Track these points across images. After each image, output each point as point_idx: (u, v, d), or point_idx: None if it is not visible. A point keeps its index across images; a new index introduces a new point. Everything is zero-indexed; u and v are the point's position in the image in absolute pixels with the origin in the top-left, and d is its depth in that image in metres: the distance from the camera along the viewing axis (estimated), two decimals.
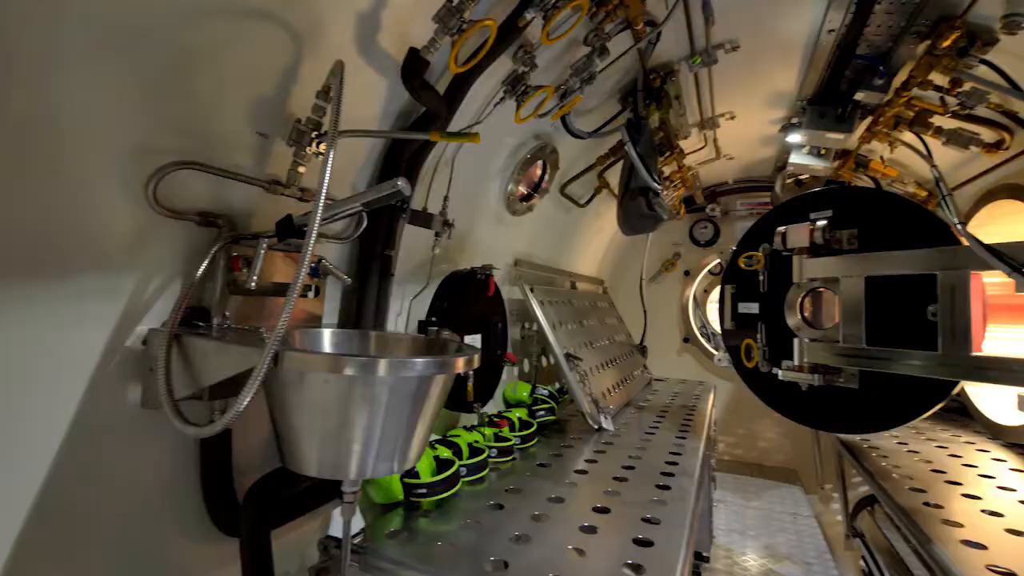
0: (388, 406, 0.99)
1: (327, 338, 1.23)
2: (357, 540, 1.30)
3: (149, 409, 1.04)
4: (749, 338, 2.73)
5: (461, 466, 1.70)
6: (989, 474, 1.97)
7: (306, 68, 1.21)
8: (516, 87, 1.65)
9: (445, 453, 1.67)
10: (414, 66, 1.29)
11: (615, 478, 1.83)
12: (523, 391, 2.48)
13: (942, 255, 1.95)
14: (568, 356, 2.55)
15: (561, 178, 2.67)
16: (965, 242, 1.84)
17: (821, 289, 2.51)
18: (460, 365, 1.06)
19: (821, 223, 2.37)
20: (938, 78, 2.03)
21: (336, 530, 1.51)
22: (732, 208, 4.61)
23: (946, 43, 1.82)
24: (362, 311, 1.50)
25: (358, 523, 1.45)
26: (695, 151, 3.33)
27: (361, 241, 1.54)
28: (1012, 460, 2.16)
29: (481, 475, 1.76)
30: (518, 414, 2.26)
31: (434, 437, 1.87)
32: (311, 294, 1.36)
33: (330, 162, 0.97)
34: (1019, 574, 1.22)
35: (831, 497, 3.50)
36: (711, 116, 2.89)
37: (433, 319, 1.77)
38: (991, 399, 2.63)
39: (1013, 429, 2.38)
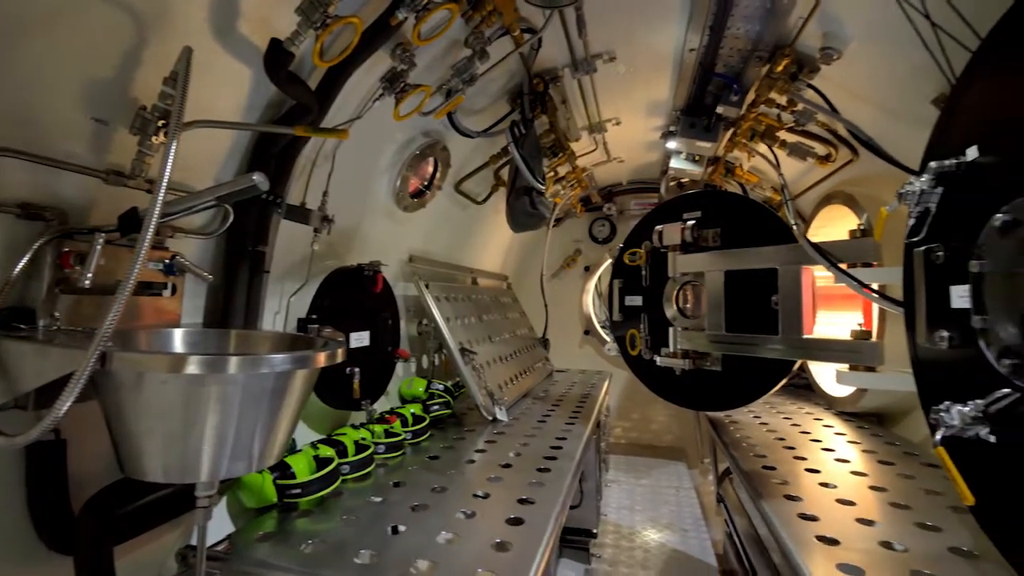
0: (242, 404, 0.97)
1: (179, 338, 1.17)
2: (221, 547, 1.26)
3: None
4: (634, 328, 2.96)
5: (344, 464, 1.69)
6: (817, 438, 2.32)
7: (152, 52, 1.14)
8: (395, 84, 1.66)
9: (327, 452, 1.65)
10: (278, 57, 1.26)
11: (501, 465, 1.91)
12: (419, 387, 2.50)
13: (782, 252, 2.24)
14: (463, 350, 2.61)
15: (456, 175, 2.71)
16: (801, 241, 2.13)
17: (697, 283, 2.78)
18: (322, 360, 1.06)
19: (690, 223, 2.64)
20: (779, 97, 2.34)
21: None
22: (627, 207, 4.93)
23: (780, 68, 2.10)
24: (230, 310, 1.44)
25: (226, 528, 1.40)
26: (587, 153, 3.52)
27: (228, 237, 1.47)
28: (838, 425, 2.55)
29: (367, 471, 1.76)
30: (412, 410, 2.28)
31: (318, 437, 1.84)
32: (167, 292, 1.28)
33: (172, 153, 0.93)
34: (821, 518, 1.46)
35: (708, 470, 3.88)
36: (598, 121, 3.07)
37: (313, 316, 1.73)
38: (826, 375, 3.08)
39: (841, 399, 2.81)
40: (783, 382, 2.37)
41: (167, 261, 1.23)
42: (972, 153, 1.20)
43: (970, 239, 1.16)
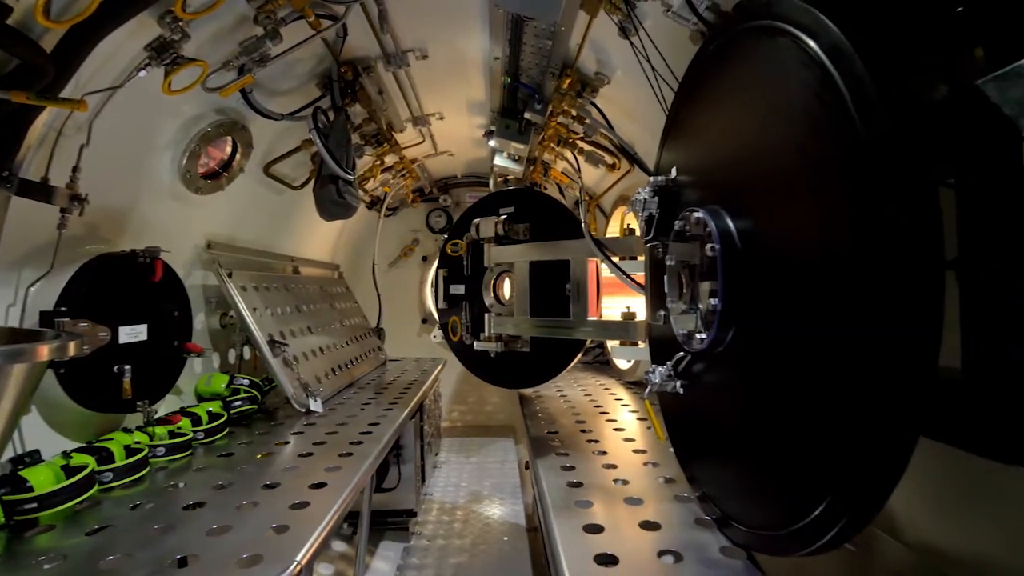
0: None
1: None
2: None
3: None
4: (456, 315, 3.13)
5: (106, 471, 1.54)
6: (600, 404, 2.73)
7: None
8: (163, 55, 1.53)
9: (81, 460, 1.48)
10: None
11: (301, 455, 1.90)
12: (219, 383, 2.33)
13: (575, 245, 2.57)
14: (272, 342, 2.50)
15: (264, 158, 2.55)
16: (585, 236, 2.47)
17: (510, 273, 3.04)
18: (44, 353, 0.97)
19: (503, 217, 2.87)
20: (571, 110, 2.66)
21: None
22: (462, 199, 5.10)
23: (566, 84, 2.40)
24: None
25: None
26: (414, 145, 3.58)
27: None
28: (620, 393, 3.02)
29: (138, 476, 1.62)
30: (209, 407, 2.13)
31: (75, 445, 1.63)
32: None
33: None
34: (577, 467, 1.76)
35: None
36: (421, 115, 3.15)
37: (63, 309, 1.52)
38: (618, 352, 3.60)
39: (626, 371, 3.33)
40: (577, 358, 2.74)
41: None
42: (674, 172, 1.54)
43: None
